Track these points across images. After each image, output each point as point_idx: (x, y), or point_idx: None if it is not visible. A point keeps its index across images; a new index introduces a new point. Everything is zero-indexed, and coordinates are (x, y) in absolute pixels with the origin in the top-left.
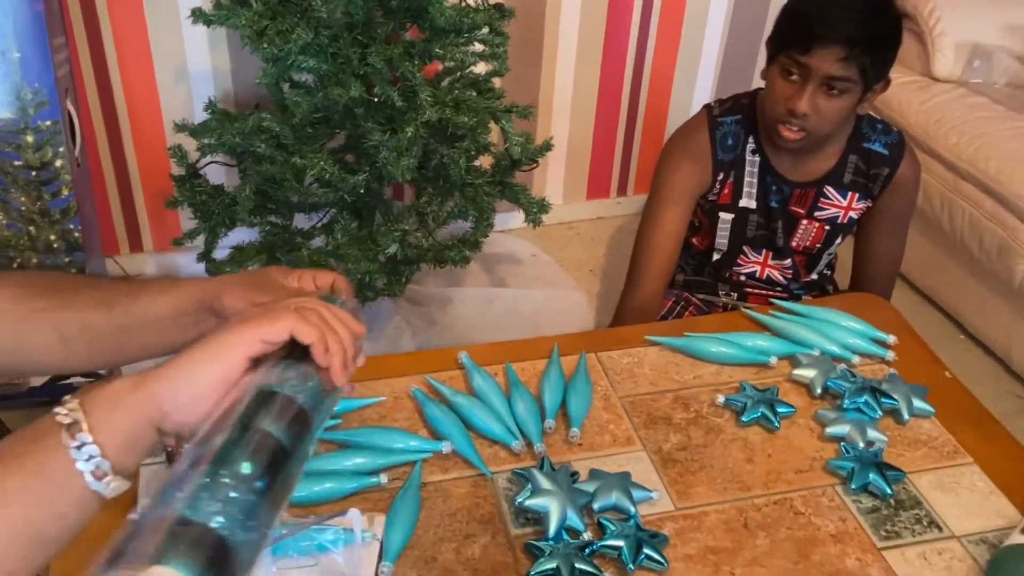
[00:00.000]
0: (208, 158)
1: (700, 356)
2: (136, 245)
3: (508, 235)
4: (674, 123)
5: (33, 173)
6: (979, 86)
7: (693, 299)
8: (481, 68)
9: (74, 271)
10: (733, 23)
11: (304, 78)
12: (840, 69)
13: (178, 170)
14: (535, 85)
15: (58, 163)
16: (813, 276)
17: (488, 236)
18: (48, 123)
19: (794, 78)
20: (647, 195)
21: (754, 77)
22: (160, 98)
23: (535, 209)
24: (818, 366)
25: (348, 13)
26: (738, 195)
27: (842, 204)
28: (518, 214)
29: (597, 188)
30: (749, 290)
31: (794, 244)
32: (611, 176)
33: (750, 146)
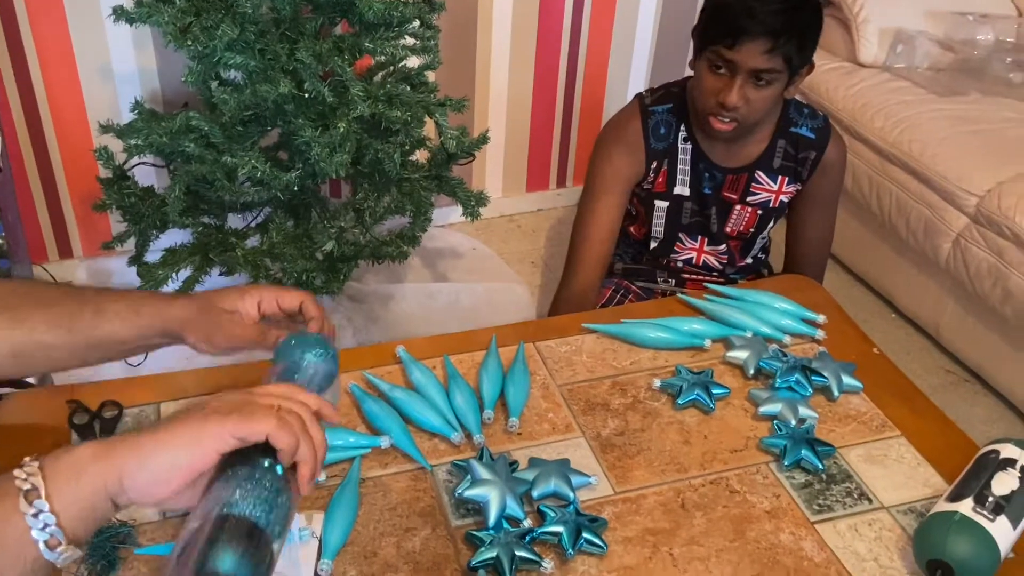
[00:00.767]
0: (136, 159)
1: (636, 342)
2: (65, 251)
3: (449, 229)
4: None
5: None
6: (902, 71)
7: (632, 287)
8: (413, 62)
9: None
10: (664, 10)
11: (232, 75)
12: (766, 62)
13: (105, 172)
14: (470, 78)
15: None
16: (748, 260)
17: (427, 231)
18: None
19: (722, 72)
20: None
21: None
22: (84, 99)
23: (473, 202)
24: (751, 347)
25: (275, 8)
26: (672, 183)
27: (773, 188)
28: (459, 208)
29: (536, 180)
30: (687, 276)
31: (728, 229)
32: (550, 167)
33: (682, 134)
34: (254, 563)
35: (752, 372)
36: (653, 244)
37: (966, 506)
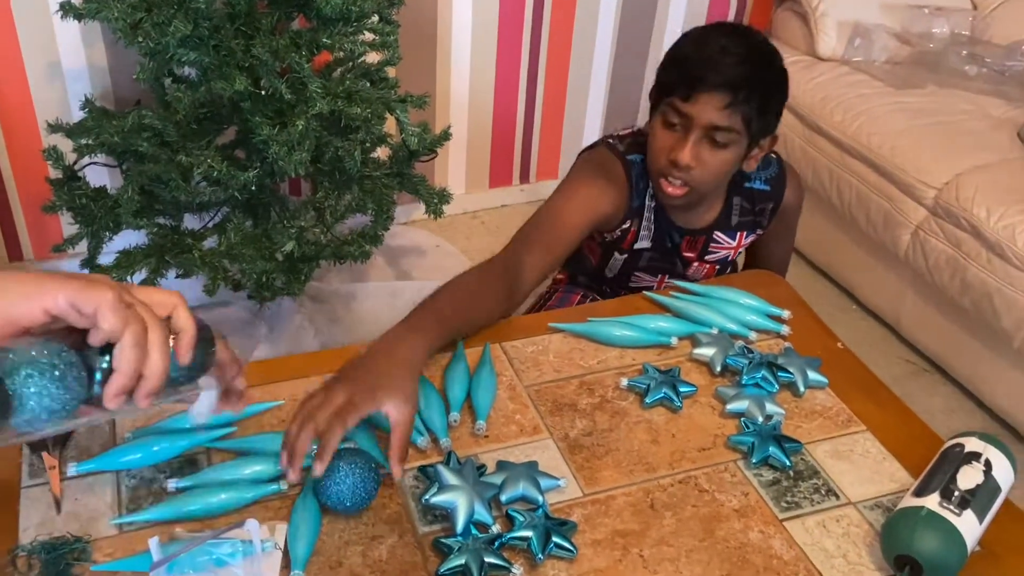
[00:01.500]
0: (87, 159)
1: (603, 340)
2: (15, 254)
3: (412, 227)
4: (573, 106)
5: None
6: (860, 64)
7: (601, 289)
8: (373, 58)
9: None
10: (625, 3)
11: (186, 72)
12: (723, 118)
13: (55, 173)
14: (431, 74)
15: None
16: None
17: (389, 229)
18: None
19: (676, 128)
20: (550, 181)
21: (648, 57)
22: (33, 97)
23: (436, 200)
24: (717, 344)
25: (229, 3)
26: (635, 241)
27: (731, 245)
28: (422, 205)
29: (499, 176)
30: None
31: (690, 274)
32: (513, 163)
33: (649, 191)
34: None
35: (719, 369)
36: (609, 275)
37: (932, 501)
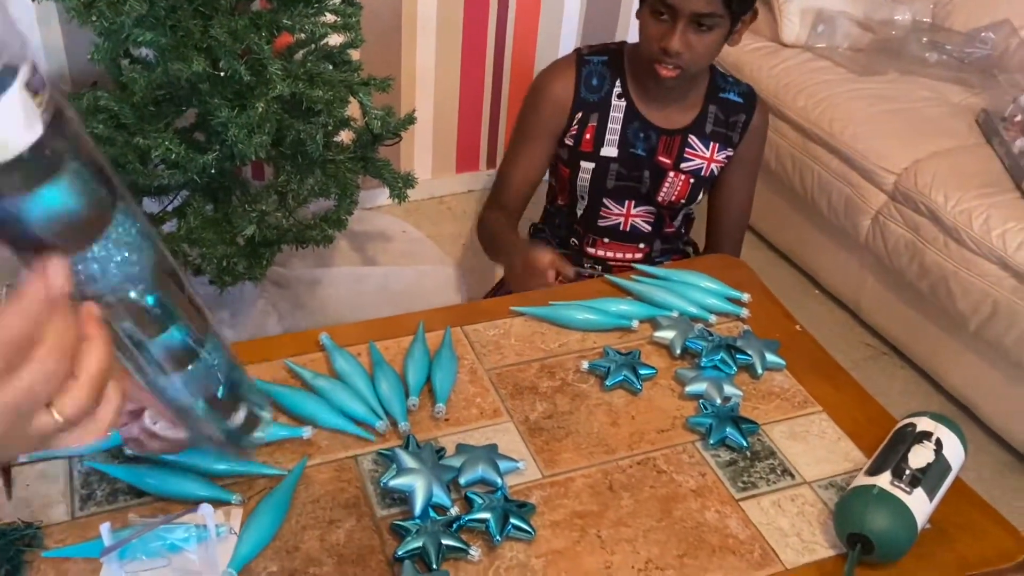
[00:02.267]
0: None
1: (565, 324)
2: None
3: (378, 212)
4: None
5: None
6: (823, 50)
7: (569, 243)
8: (335, 40)
9: None
10: None
11: (143, 53)
12: (706, 6)
13: None
14: (396, 57)
15: None
16: (676, 223)
17: (353, 214)
18: None
19: (664, 18)
20: None
21: (633, 15)
22: None
23: (400, 184)
24: (677, 327)
25: None
26: (600, 142)
27: (705, 155)
28: (387, 190)
29: (466, 161)
30: (613, 263)
31: (660, 198)
32: (480, 147)
33: (616, 90)
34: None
35: (679, 352)
36: (579, 211)
37: (884, 479)
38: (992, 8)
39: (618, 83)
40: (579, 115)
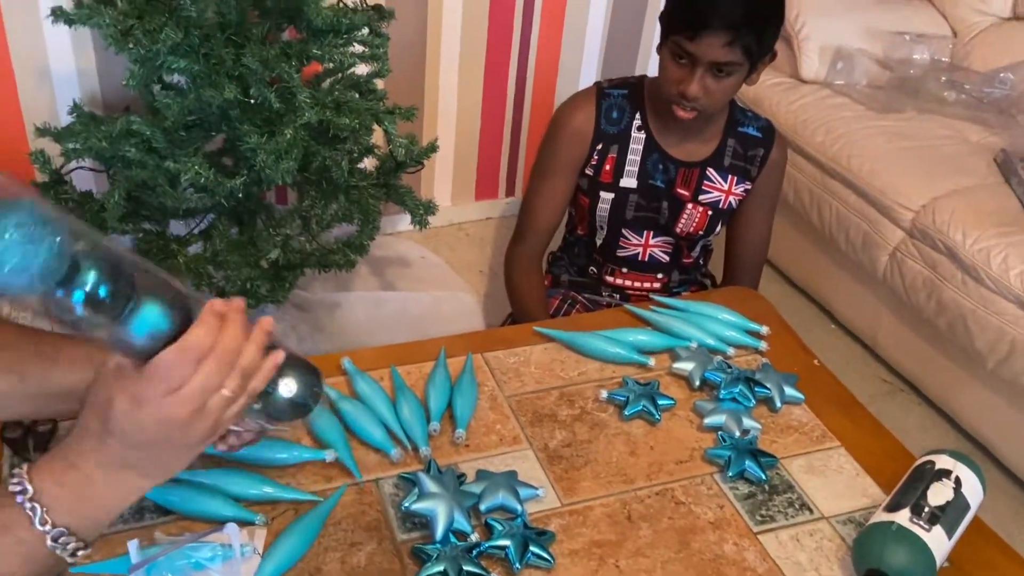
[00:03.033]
0: (74, 163)
1: (585, 352)
2: None
3: (397, 237)
4: None
5: None
6: (842, 87)
7: (579, 298)
8: (362, 69)
9: None
10: (613, 20)
11: (176, 79)
12: (726, 55)
13: (42, 177)
14: (419, 87)
15: None
16: (694, 254)
17: (374, 239)
18: None
19: (683, 62)
20: None
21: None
22: (20, 101)
23: (421, 211)
24: (696, 359)
25: (220, 13)
26: (619, 173)
27: (723, 188)
28: (407, 216)
29: (485, 188)
30: (631, 292)
31: (679, 229)
32: (499, 176)
33: (636, 123)
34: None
35: (697, 383)
36: (599, 241)
37: (903, 516)
38: (1011, 49)
39: (638, 116)
40: (599, 146)
